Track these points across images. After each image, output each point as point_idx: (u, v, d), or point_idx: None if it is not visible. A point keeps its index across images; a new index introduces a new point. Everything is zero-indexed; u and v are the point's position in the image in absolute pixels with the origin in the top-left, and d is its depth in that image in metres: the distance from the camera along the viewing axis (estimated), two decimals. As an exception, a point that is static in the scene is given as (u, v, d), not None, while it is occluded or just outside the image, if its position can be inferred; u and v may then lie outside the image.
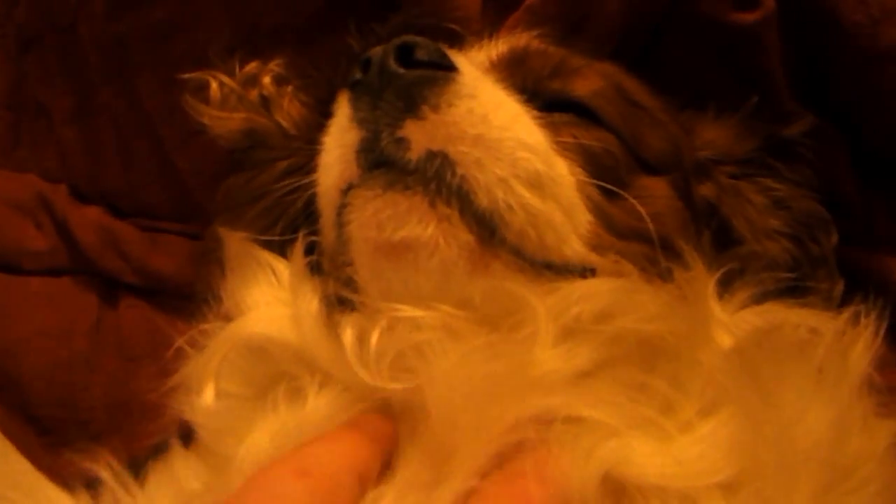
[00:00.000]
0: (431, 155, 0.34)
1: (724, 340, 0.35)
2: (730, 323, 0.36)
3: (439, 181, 0.34)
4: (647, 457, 0.29)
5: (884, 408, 0.35)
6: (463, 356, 0.31)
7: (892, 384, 0.44)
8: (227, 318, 0.41)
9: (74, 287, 0.61)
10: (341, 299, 0.37)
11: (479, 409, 0.30)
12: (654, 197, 0.41)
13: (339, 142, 0.37)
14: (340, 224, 0.36)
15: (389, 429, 0.31)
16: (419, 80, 0.34)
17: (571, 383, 0.31)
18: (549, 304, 0.32)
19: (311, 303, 0.36)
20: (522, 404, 0.29)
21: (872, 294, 0.37)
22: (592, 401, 0.30)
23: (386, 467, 0.30)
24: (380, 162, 0.35)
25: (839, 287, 0.47)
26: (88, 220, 0.61)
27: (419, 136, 0.34)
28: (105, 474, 0.36)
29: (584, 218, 0.38)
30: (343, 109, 0.37)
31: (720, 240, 0.44)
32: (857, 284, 0.45)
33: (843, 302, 0.44)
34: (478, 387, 0.30)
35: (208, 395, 0.36)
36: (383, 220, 0.34)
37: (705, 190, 0.46)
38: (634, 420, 0.30)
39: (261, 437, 0.32)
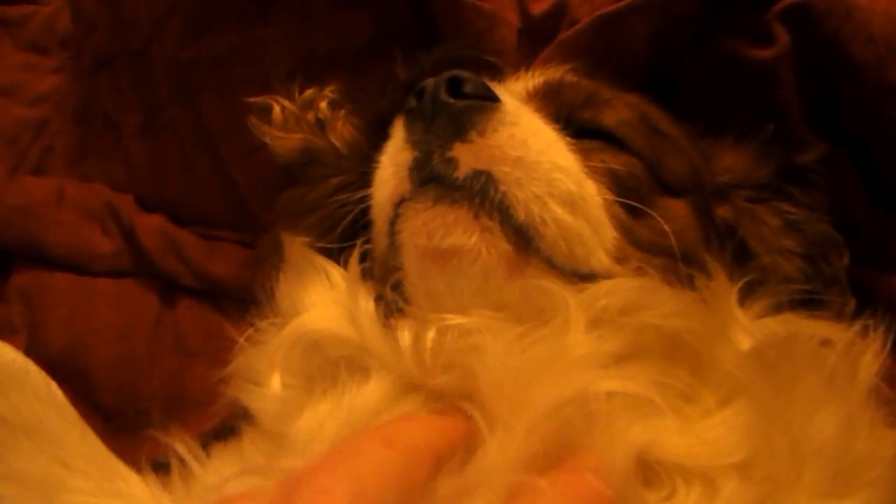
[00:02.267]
0: (477, 174, 0.38)
1: (743, 342, 0.38)
2: (750, 327, 0.39)
3: (483, 196, 0.38)
4: (671, 437, 0.32)
5: (893, 418, 0.38)
6: (506, 346, 0.34)
7: (901, 398, 0.47)
8: (284, 316, 0.44)
9: (137, 288, 0.64)
10: (392, 303, 0.40)
11: (526, 391, 0.33)
12: (674, 216, 0.45)
13: (394, 160, 0.41)
14: (393, 233, 0.41)
15: (467, 426, 0.33)
16: (467, 109, 0.39)
17: (606, 366, 0.34)
18: (579, 298, 0.36)
19: (368, 303, 0.39)
20: (564, 384, 0.32)
21: (881, 310, 0.40)
22: (628, 379, 0.33)
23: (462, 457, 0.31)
24: (430, 178, 0.39)
25: (851, 305, 0.49)
26: (152, 227, 0.65)
27: (466, 157, 0.39)
28: (180, 447, 0.40)
29: (610, 234, 0.42)
30: (398, 132, 0.41)
31: (739, 256, 0.47)
32: (868, 303, 0.48)
33: (854, 319, 0.47)
34: (523, 371, 0.33)
35: (276, 383, 0.40)
36: (432, 230, 0.38)
37: (723, 212, 0.49)
38: (662, 401, 0.33)
39: (321, 412, 0.36)
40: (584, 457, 0.31)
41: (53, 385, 0.51)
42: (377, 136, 0.48)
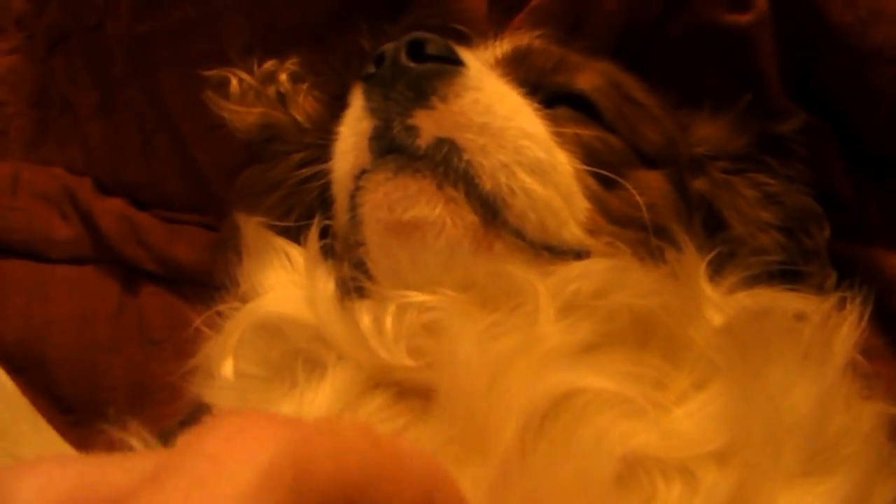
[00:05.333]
0: (439, 142, 0.36)
1: (715, 319, 0.36)
2: (721, 302, 0.37)
3: (446, 166, 0.36)
4: (648, 433, 0.30)
5: (870, 391, 0.37)
6: (474, 337, 0.32)
7: (880, 371, 0.46)
8: (244, 301, 0.42)
9: (97, 274, 0.63)
10: (354, 283, 0.38)
11: (496, 387, 0.31)
12: (649, 188, 0.43)
13: (353, 130, 0.39)
14: (353, 207, 0.38)
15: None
16: (429, 73, 0.37)
17: (577, 357, 0.32)
18: (549, 284, 0.34)
19: (326, 284, 0.37)
20: (536, 379, 0.31)
21: (859, 281, 0.39)
22: (600, 373, 0.31)
23: None
24: (391, 148, 0.37)
25: (832, 279, 0.49)
26: (111, 211, 0.64)
27: (428, 125, 0.37)
28: (135, 442, 0.38)
29: (582, 204, 0.40)
30: (357, 100, 0.39)
31: (711, 226, 0.45)
32: (850, 276, 0.47)
33: (835, 292, 0.45)
34: (492, 366, 0.31)
35: (227, 369, 0.38)
36: (394, 202, 0.36)
37: (699, 184, 0.48)
38: (636, 393, 0.31)
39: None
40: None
41: (2, 375, 0.49)
42: (341, 110, 0.45)
